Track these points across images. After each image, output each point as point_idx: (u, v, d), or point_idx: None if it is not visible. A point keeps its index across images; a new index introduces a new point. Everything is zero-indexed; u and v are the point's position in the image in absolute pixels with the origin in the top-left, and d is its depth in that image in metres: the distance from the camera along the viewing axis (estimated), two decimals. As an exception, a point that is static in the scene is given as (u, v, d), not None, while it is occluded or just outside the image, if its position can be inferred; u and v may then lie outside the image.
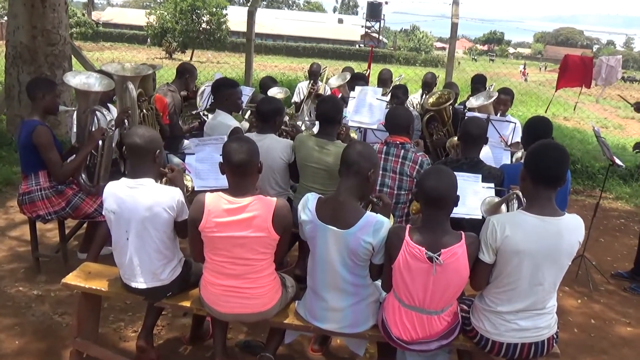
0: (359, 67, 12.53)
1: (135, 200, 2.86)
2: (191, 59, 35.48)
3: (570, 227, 2.60)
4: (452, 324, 2.76)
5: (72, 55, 8.12)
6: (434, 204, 2.63)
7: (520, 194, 2.95)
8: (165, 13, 37.94)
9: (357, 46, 57.79)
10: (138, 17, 52.75)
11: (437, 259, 2.54)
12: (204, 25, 38.44)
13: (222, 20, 39.07)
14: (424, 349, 2.76)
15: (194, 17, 37.98)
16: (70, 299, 3.97)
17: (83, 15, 49.19)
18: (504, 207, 3.17)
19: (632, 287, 4.88)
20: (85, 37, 43.14)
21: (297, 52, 50.95)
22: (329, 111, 3.92)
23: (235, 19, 39.59)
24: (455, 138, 4.31)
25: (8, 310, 3.80)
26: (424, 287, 2.61)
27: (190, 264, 3.16)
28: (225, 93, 4.44)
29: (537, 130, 3.73)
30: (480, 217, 3.31)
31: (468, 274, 2.64)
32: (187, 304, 3.06)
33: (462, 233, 2.64)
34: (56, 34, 7.45)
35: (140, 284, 2.98)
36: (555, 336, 2.75)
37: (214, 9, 38.65)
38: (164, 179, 3.06)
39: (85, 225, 4.73)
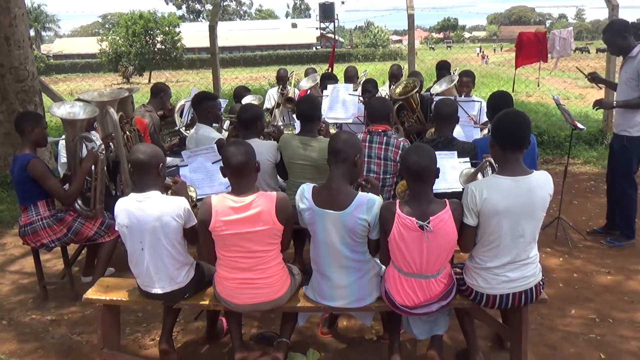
0: (319, 69, 12.77)
1: (145, 212, 3.07)
2: (149, 81, 35.37)
3: (540, 183, 2.90)
4: (448, 285, 3.04)
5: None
6: (417, 177, 2.91)
7: (492, 161, 3.25)
8: (118, 38, 37.73)
9: (313, 49, 58.26)
10: (89, 45, 52.32)
11: (427, 226, 2.81)
12: (158, 45, 38.33)
13: (176, 38, 39.01)
14: (426, 311, 3.03)
15: (147, 38, 37.84)
16: (84, 320, 4.16)
17: (32, 49, 48.52)
18: (479, 175, 3.46)
19: (609, 240, 5.24)
20: (37, 71, 42.43)
21: (254, 61, 51.21)
22: (308, 109, 4.18)
23: (189, 35, 39.68)
24: (433, 129, 4.61)
25: (27, 336, 3.95)
26: (419, 254, 2.88)
27: (201, 266, 3.38)
28: (206, 106, 4.64)
29: (500, 102, 4.05)
30: (461, 189, 3.61)
31: (456, 236, 2.92)
32: (204, 302, 3.29)
33: (446, 200, 2.93)
34: (24, 70, 7.56)
35: (158, 289, 3.19)
36: (541, 283, 3.04)
37: (167, 28, 38.58)
38: (169, 192, 3.28)
39: (84, 250, 4.91)
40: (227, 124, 5.24)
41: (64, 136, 5.12)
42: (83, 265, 4.88)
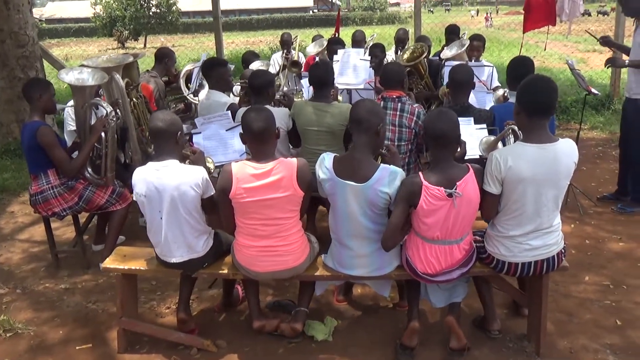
0: (316, 32, 12.44)
1: (163, 181, 3.03)
2: (145, 45, 34.84)
3: (566, 151, 2.87)
4: (469, 252, 3.03)
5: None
6: (440, 143, 2.88)
7: (516, 128, 3.19)
8: (111, 1, 37.09)
9: (310, 12, 57.52)
10: (82, 9, 51.62)
11: (456, 192, 2.79)
12: (153, 9, 37.71)
13: (171, 2, 38.36)
14: (447, 278, 3.02)
15: (142, 2, 37.20)
16: (97, 288, 4.16)
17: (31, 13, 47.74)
18: (500, 144, 3.42)
19: (619, 207, 5.22)
20: (33, 36, 41.77)
21: (251, 25, 50.42)
22: (323, 75, 4.11)
23: (184, -1, 39.03)
24: (445, 86, 4.54)
25: (43, 305, 3.95)
26: (445, 221, 2.86)
27: (219, 235, 3.36)
28: (218, 72, 4.55)
29: (521, 68, 3.97)
30: (478, 157, 3.57)
31: (479, 199, 2.90)
32: (223, 271, 3.27)
33: (468, 165, 2.91)
34: (24, 35, 7.43)
35: (177, 258, 3.17)
36: (563, 251, 3.03)
37: (162, -9, 37.88)
38: (187, 161, 3.22)
39: (94, 219, 4.88)
40: (237, 89, 5.15)
41: (69, 103, 5.05)
42: (94, 233, 4.87)
